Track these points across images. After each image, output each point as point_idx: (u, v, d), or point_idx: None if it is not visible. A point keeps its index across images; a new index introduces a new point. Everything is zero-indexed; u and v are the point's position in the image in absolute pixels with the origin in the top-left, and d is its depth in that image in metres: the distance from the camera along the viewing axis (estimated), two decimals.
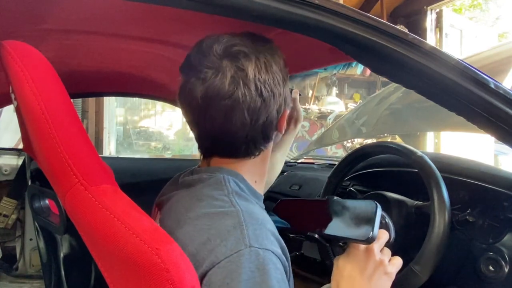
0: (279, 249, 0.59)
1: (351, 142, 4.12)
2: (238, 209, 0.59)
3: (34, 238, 2.05)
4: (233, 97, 0.61)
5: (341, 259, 0.69)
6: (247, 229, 0.56)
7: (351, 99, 5.64)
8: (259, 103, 0.63)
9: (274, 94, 0.65)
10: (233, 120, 0.63)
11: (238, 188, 0.66)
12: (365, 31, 0.64)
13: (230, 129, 0.64)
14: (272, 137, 0.70)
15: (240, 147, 0.67)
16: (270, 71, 0.64)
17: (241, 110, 0.62)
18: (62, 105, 0.56)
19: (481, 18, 8.21)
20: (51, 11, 0.72)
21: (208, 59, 0.63)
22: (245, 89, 0.62)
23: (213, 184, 0.65)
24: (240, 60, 0.62)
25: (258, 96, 0.63)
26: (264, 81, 0.63)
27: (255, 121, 0.64)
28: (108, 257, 0.54)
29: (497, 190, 0.90)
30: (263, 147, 0.69)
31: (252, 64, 0.63)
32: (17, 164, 2.35)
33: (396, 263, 0.70)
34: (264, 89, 0.63)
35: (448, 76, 0.66)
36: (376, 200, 0.99)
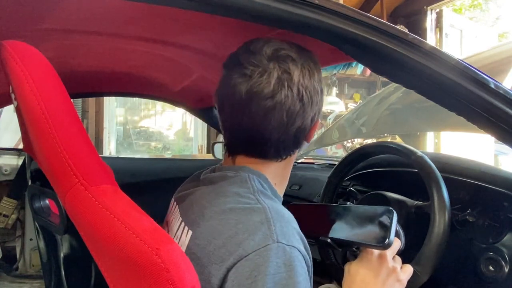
0: (304, 248, 0.60)
1: (351, 142, 4.11)
2: (265, 206, 0.60)
3: (34, 238, 2.06)
4: (276, 97, 0.63)
5: (354, 264, 0.69)
6: (274, 226, 0.57)
7: (351, 99, 5.63)
8: (298, 107, 0.65)
9: (312, 101, 0.67)
10: (271, 120, 0.64)
11: (262, 187, 0.67)
12: (365, 31, 0.64)
13: (266, 128, 0.65)
14: (301, 144, 0.72)
15: (270, 148, 0.68)
16: (312, 79, 0.67)
17: (280, 111, 0.64)
18: (62, 105, 0.56)
19: (481, 18, 8.21)
20: (51, 11, 0.72)
21: (256, 58, 0.65)
22: (288, 91, 0.64)
23: (238, 182, 0.66)
24: (288, 64, 0.65)
25: (299, 101, 0.65)
26: (306, 87, 0.66)
27: (291, 124, 0.66)
28: (108, 257, 0.54)
29: (497, 190, 0.90)
30: (292, 152, 0.71)
31: (298, 69, 0.65)
32: (17, 164, 2.35)
33: (407, 271, 0.71)
34: (305, 94, 0.65)
35: (448, 76, 0.66)
36: (376, 200, 0.99)
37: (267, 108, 0.63)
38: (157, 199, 0.89)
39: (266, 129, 0.65)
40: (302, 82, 0.65)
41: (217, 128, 1.87)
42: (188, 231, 0.65)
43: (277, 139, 0.66)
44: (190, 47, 1.00)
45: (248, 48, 0.67)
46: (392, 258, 0.69)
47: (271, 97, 0.63)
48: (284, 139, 0.67)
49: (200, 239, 0.61)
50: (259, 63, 0.64)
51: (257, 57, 0.65)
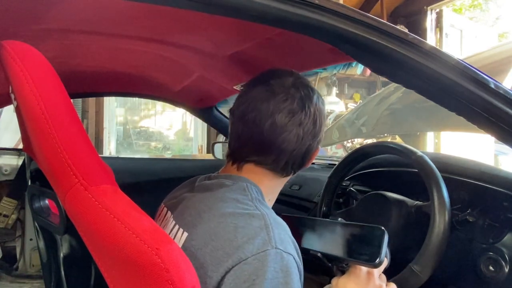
0: (297, 256, 0.62)
1: (351, 142, 4.11)
2: (263, 213, 0.63)
3: (34, 238, 2.05)
4: (298, 115, 0.70)
5: (342, 279, 0.71)
6: (273, 232, 0.59)
7: (351, 99, 5.63)
8: (311, 127, 0.72)
9: (321, 125, 0.74)
10: (290, 134, 0.70)
11: (259, 196, 0.69)
12: (365, 31, 0.64)
13: (285, 140, 0.70)
14: (304, 166, 0.76)
15: (281, 161, 0.73)
16: (323, 105, 0.76)
17: (299, 128, 0.71)
18: (62, 105, 0.56)
19: (481, 18, 8.21)
20: (51, 11, 0.72)
21: (282, 81, 0.72)
22: (308, 110, 0.71)
23: (236, 190, 0.68)
24: (308, 89, 0.73)
25: (313, 121, 0.72)
26: (320, 111, 0.74)
27: (303, 142, 0.72)
28: (108, 257, 0.54)
29: (497, 190, 0.90)
30: (296, 170, 0.76)
31: (315, 94, 0.74)
32: (17, 164, 2.35)
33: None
34: (319, 117, 0.73)
35: (448, 76, 0.66)
36: (376, 200, 0.99)
37: (289, 122, 0.70)
38: (157, 199, 0.89)
39: (284, 141, 0.70)
40: (318, 105, 0.73)
41: (217, 128, 1.87)
42: (183, 233, 0.65)
43: (290, 152, 0.72)
44: (190, 47, 1.00)
45: (272, 72, 0.75)
46: (378, 276, 0.71)
47: (294, 113, 0.70)
48: (296, 154, 0.72)
49: (197, 240, 0.62)
50: (284, 84, 0.72)
51: (282, 80, 0.72)
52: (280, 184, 0.78)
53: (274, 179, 0.75)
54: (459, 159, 1.08)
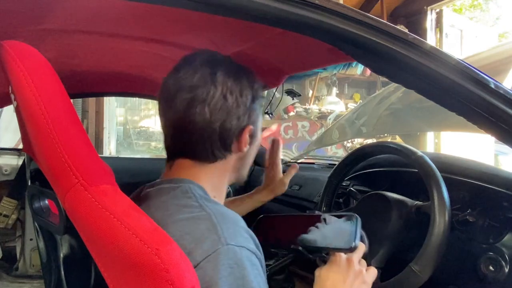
0: (254, 245, 0.61)
1: (351, 142, 4.12)
2: (209, 212, 0.61)
3: (34, 238, 2.05)
4: (197, 91, 0.66)
5: (324, 269, 0.72)
6: (221, 229, 0.58)
7: (351, 99, 5.63)
8: (220, 104, 0.67)
9: (238, 104, 0.69)
10: (194, 114, 0.66)
11: (204, 194, 0.68)
12: (365, 31, 0.64)
13: (190, 121, 0.67)
14: (230, 148, 0.71)
15: (196, 145, 0.69)
16: (239, 83, 0.69)
17: (202, 105, 0.66)
18: (62, 105, 0.56)
19: (481, 18, 8.22)
20: (51, 11, 0.72)
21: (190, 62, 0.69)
22: (211, 87, 0.67)
23: (179, 194, 0.66)
24: (216, 66, 0.68)
25: (223, 98, 0.67)
26: (232, 89, 0.68)
27: (214, 121, 0.67)
28: (108, 257, 0.54)
29: (497, 190, 0.90)
30: (221, 153, 0.71)
31: (223, 70, 0.69)
32: (17, 164, 2.35)
33: (372, 273, 0.74)
34: (230, 94, 0.68)
35: (448, 76, 0.66)
36: (376, 200, 0.99)
37: (189, 100, 0.66)
38: None
39: (190, 122, 0.67)
40: (226, 81, 0.68)
41: None
42: None
43: (201, 134, 0.68)
44: (190, 47, 1.00)
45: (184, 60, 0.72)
46: (358, 262, 0.72)
47: (192, 90, 0.66)
48: (210, 136, 0.68)
49: None
50: (190, 64, 0.69)
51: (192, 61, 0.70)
52: (218, 175, 0.73)
53: (207, 170, 0.71)
54: (459, 159, 1.08)
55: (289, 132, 4.47)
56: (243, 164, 0.77)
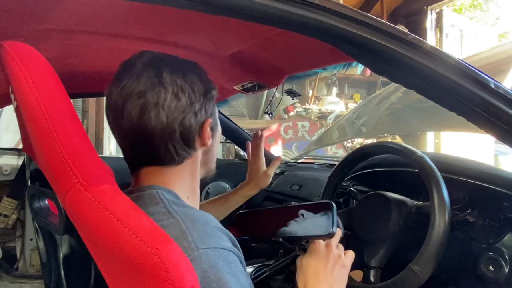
0: (229, 242, 0.60)
1: (351, 142, 4.12)
2: (177, 218, 0.59)
3: (34, 238, 2.06)
4: (147, 96, 0.64)
5: (305, 258, 0.74)
6: (191, 235, 0.57)
7: (351, 99, 5.64)
8: (174, 105, 0.65)
9: (192, 100, 0.67)
10: (150, 119, 0.64)
11: (174, 198, 0.66)
12: (365, 31, 0.64)
13: (147, 127, 0.65)
14: (195, 145, 0.70)
15: (159, 150, 0.67)
16: (188, 79, 0.67)
17: (156, 109, 0.64)
18: (62, 105, 0.56)
19: (481, 18, 8.22)
20: (51, 11, 0.72)
21: (131, 71, 0.66)
22: (161, 89, 0.65)
23: (147, 201, 0.64)
24: (160, 67, 0.66)
25: (175, 98, 0.65)
26: (182, 87, 0.66)
27: (172, 122, 0.65)
28: (108, 257, 0.54)
29: (497, 190, 0.90)
30: (186, 153, 0.69)
31: (169, 69, 0.66)
32: (17, 164, 2.35)
33: (349, 256, 0.76)
34: (181, 92, 0.66)
35: (448, 76, 0.66)
36: (376, 200, 0.99)
37: (140, 106, 0.64)
38: None
39: (147, 129, 0.65)
40: (175, 81, 0.66)
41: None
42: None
43: (162, 138, 0.66)
44: (190, 47, 1.00)
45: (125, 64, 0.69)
46: (336, 247, 0.74)
47: (141, 96, 0.64)
48: (171, 138, 0.67)
49: None
50: (132, 69, 0.66)
51: (132, 66, 0.67)
52: (189, 175, 0.72)
53: (176, 172, 0.70)
54: (459, 159, 1.08)
55: (289, 132, 4.47)
56: (210, 157, 0.77)
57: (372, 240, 0.95)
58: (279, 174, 1.84)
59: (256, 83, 1.23)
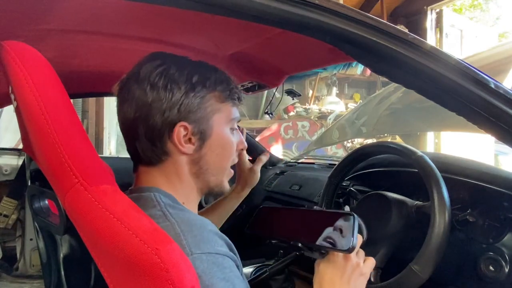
0: (225, 247, 0.59)
1: (351, 142, 4.11)
2: (172, 222, 0.59)
3: (34, 238, 2.06)
4: (123, 91, 0.67)
5: (322, 264, 0.71)
6: (185, 239, 0.56)
7: (351, 99, 5.63)
8: (141, 100, 0.65)
9: (160, 98, 0.64)
10: (122, 114, 0.67)
11: (171, 202, 0.65)
12: (365, 31, 0.64)
13: (122, 123, 0.68)
14: (164, 147, 0.67)
15: (130, 146, 0.69)
16: (166, 75, 0.65)
17: (128, 105, 0.66)
18: (62, 105, 0.56)
19: (481, 18, 8.22)
20: (51, 11, 0.72)
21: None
22: (133, 85, 0.66)
23: (144, 204, 0.64)
24: (145, 63, 0.68)
25: (143, 93, 0.65)
26: (153, 83, 0.65)
27: (136, 118, 0.65)
28: (108, 257, 0.54)
29: (497, 190, 0.90)
30: (153, 154, 0.67)
31: (150, 65, 0.66)
32: (17, 164, 2.35)
33: (369, 264, 0.73)
34: (150, 90, 0.65)
35: (448, 76, 0.66)
36: (376, 200, 0.99)
37: (119, 102, 0.68)
38: None
39: (121, 124, 0.68)
40: (149, 77, 0.65)
41: None
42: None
43: (129, 134, 0.68)
44: (190, 47, 1.00)
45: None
46: (356, 254, 0.72)
47: (120, 92, 0.68)
48: (137, 135, 0.66)
49: None
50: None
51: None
52: (176, 180, 0.69)
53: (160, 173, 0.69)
54: (459, 159, 1.08)
55: (289, 132, 4.47)
56: (203, 169, 0.71)
57: (372, 240, 0.95)
58: (279, 174, 1.84)
59: (256, 83, 1.23)
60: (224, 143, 0.72)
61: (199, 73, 0.68)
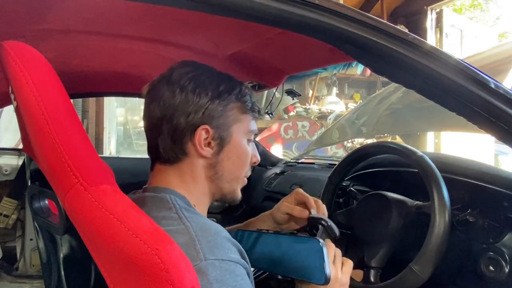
0: (237, 254, 0.60)
1: (351, 142, 4.11)
2: (188, 225, 0.60)
3: (34, 238, 2.06)
4: (154, 91, 0.70)
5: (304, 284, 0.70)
6: (200, 244, 0.57)
7: (351, 99, 5.63)
8: (168, 101, 0.68)
9: (188, 100, 0.68)
10: (149, 113, 0.70)
11: (185, 205, 0.67)
12: (365, 31, 0.64)
13: (147, 121, 0.71)
14: (184, 148, 0.69)
15: (154, 143, 0.71)
16: (196, 81, 0.69)
17: (156, 104, 0.69)
18: (62, 105, 0.56)
19: (481, 18, 8.22)
20: (51, 11, 0.72)
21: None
22: (164, 86, 0.69)
23: (159, 205, 0.65)
24: (178, 68, 0.71)
25: (171, 95, 0.68)
26: (183, 86, 0.68)
27: (161, 117, 0.68)
28: (108, 257, 0.54)
29: (497, 190, 0.90)
30: (173, 153, 0.69)
31: (182, 70, 0.70)
32: (17, 164, 2.35)
33: (347, 271, 0.72)
34: (179, 92, 0.68)
35: (448, 76, 0.66)
36: (376, 200, 0.99)
37: (148, 101, 0.71)
38: None
39: (147, 121, 0.71)
40: (180, 81, 0.68)
41: None
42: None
43: (154, 131, 0.70)
44: (190, 47, 1.00)
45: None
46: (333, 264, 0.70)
47: (150, 91, 0.71)
48: (161, 133, 0.69)
49: None
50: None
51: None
52: (190, 180, 0.71)
53: (175, 172, 0.70)
54: (459, 159, 1.08)
55: (289, 132, 4.47)
56: (218, 174, 0.72)
57: (372, 240, 0.95)
58: (279, 174, 1.84)
59: (256, 83, 1.23)
60: (241, 152, 0.74)
61: (226, 83, 0.72)
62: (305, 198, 0.87)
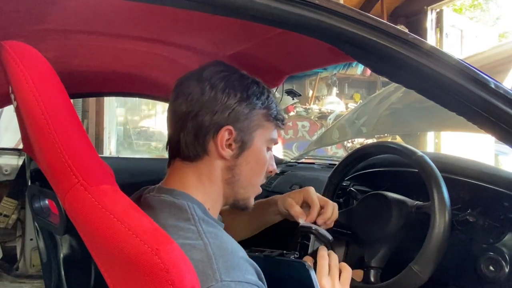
0: (254, 275, 0.59)
1: (351, 142, 4.11)
2: (206, 242, 0.59)
3: (35, 238, 2.06)
4: (183, 86, 0.70)
5: None
6: (217, 263, 0.56)
7: (351, 99, 5.63)
8: (196, 97, 0.68)
9: (216, 99, 0.68)
10: (175, 107, 0.70)
11: (202, 213, 0.66)
12: (365, 31, 0.64)
13: (172, 115, 0.71)
14: (206, 146, 0.69)
15: (176, 138, 0.70)
16: (226, 81, 0.69)
17: (183, 98, 0.69)
18: (62, 105, 0.56)
19: (481, 18, 8.22)
20: (51, 11, 0.72)
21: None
22: (194, 82, 0.69)
23: (177, 212, 0.64)
24: (209, 67, 0.71)
25: (200, 91, 0.68)
26: (213, 84, 0.68)
27: (187, 112, 0.68)
28: (108, 257, 0.54)
29: (497, 190, 0.90)
30: (194, 149, 0.69)
31: (213, 69, 0.71)
32: (17, 164, 2.35)
33: (345, 278, 0.72)
34: (209, 90, 0.68)
35: (448, 76, 0.66)
36: (376, 200, 0.99)
37: (175, 95, 0.71)
38: None
39: (172, 114, 0.71)
40: (210, 79, 0.69)
41: None
42: None
43: (177, 125, 0.70)
44: (190, 47, 1.00)
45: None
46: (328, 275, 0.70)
47: (178, 86, 0.71)
48: (184, 128, 0.69)
49: None
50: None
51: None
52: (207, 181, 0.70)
53: (194, 171, 0.70)
54: (459, 159, 1.08)
55: (289, 132, 4.47)
56: (234, 178, 0.72)
57: (372, 240, 0.95)
58: (279, 174, 1.83)
59: None
60: (259, 159, 0.74)
61: (256, 87, 0.72)
62: (310, 202, 0.88)
